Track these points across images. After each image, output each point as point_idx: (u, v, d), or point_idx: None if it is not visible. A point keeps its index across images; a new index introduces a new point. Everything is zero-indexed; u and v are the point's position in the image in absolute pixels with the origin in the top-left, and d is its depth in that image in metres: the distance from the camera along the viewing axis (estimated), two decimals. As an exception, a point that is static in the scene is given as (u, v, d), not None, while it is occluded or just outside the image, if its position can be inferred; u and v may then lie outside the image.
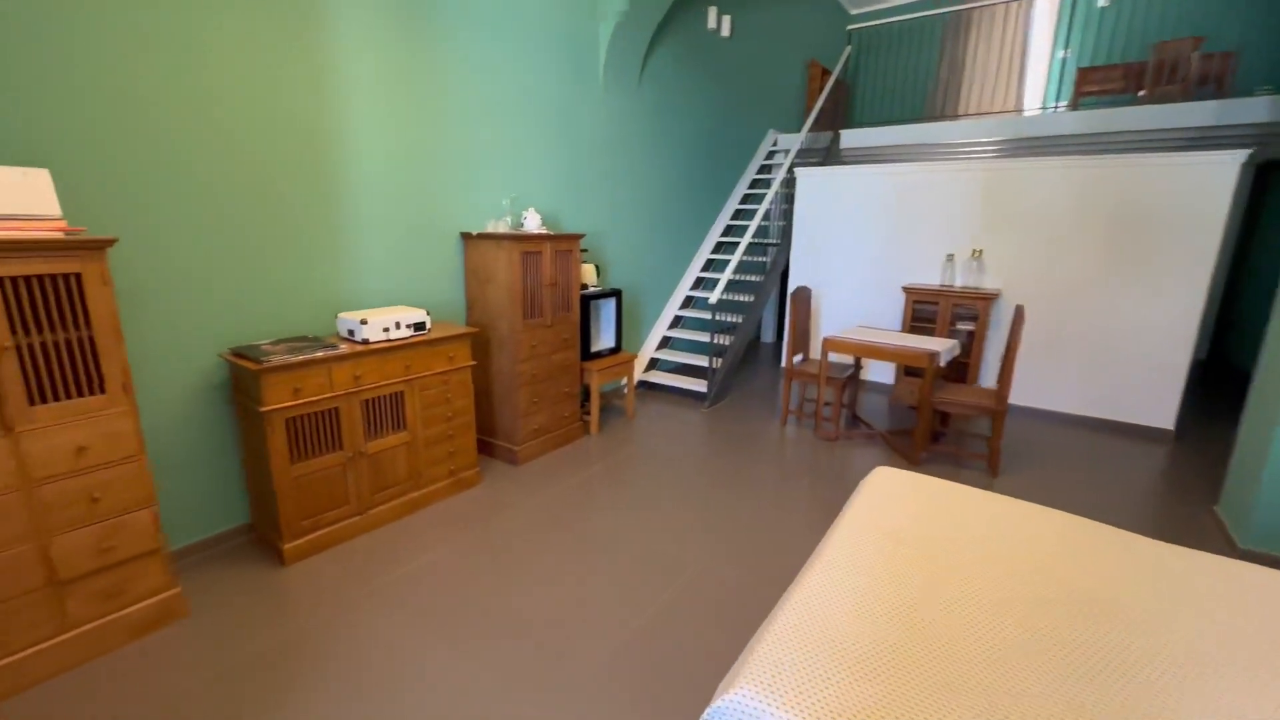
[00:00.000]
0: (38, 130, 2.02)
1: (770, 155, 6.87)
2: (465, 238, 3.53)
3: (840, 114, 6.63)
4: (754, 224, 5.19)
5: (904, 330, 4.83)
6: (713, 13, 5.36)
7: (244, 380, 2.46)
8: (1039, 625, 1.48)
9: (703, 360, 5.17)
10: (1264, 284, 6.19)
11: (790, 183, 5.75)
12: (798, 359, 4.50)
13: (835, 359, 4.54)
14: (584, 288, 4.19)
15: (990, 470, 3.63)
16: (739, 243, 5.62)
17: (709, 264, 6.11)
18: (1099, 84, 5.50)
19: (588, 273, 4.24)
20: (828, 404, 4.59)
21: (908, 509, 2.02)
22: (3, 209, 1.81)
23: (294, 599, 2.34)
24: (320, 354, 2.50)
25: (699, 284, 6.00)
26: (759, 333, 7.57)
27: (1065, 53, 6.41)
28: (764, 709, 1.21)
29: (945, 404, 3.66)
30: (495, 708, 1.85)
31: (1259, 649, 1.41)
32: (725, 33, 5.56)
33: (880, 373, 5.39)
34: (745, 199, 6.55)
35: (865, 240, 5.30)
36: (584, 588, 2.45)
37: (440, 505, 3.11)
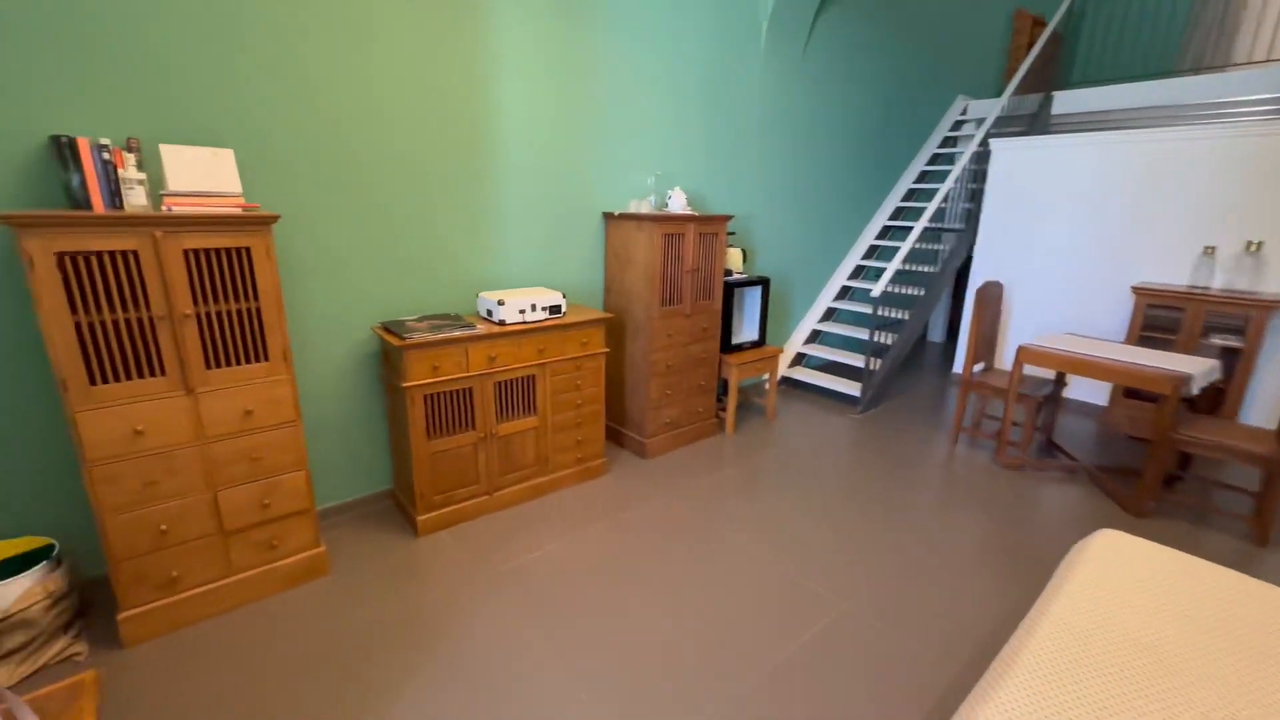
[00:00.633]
0: (219, 113, 2.17)
1: (957, 125, 5.90)
2: (607, 217, 3.39)
3: (1052, 72, 5.47)
4: (932, 206, 4.45)
5: (1130, 342, 3.84)
6: (901, -41, 4.63)
7: (390, 354, 2.54)
8: None
9: (858, 360, 4.60)
10: None
11: (982, 157, 4.86)
12: (979, 368, 3.79)
13: (1031, 372, 3.74)
14: (728, 274, 3.87)
15: (1256, 536, 2.72)
16: (911, 227, 4.90)
17: (872, 250, 5.43)
18: None
19: (734, 258, 3.91)
20: (1016, 424, 3.82)
21: (1160, 602, 1.47)
22: (195, 185, 1.96)
23: (421, 572, 2.38)
24: (458, 333, 2.50)
25: (859, 273, 5.36)
26: (925, 331, 6.67)
27: None
28: None
29: (1195, 444, 2.80)
30: (598, 738, 1.68)
31: None
32: (914, -19, 4.79)
33: (1086, 390, 4.39)
34: (922, 176, 5.71)
35: (1081, 227, 4.30)
36: (705, 612, 2.19)
37: (566, 493, 3.03)
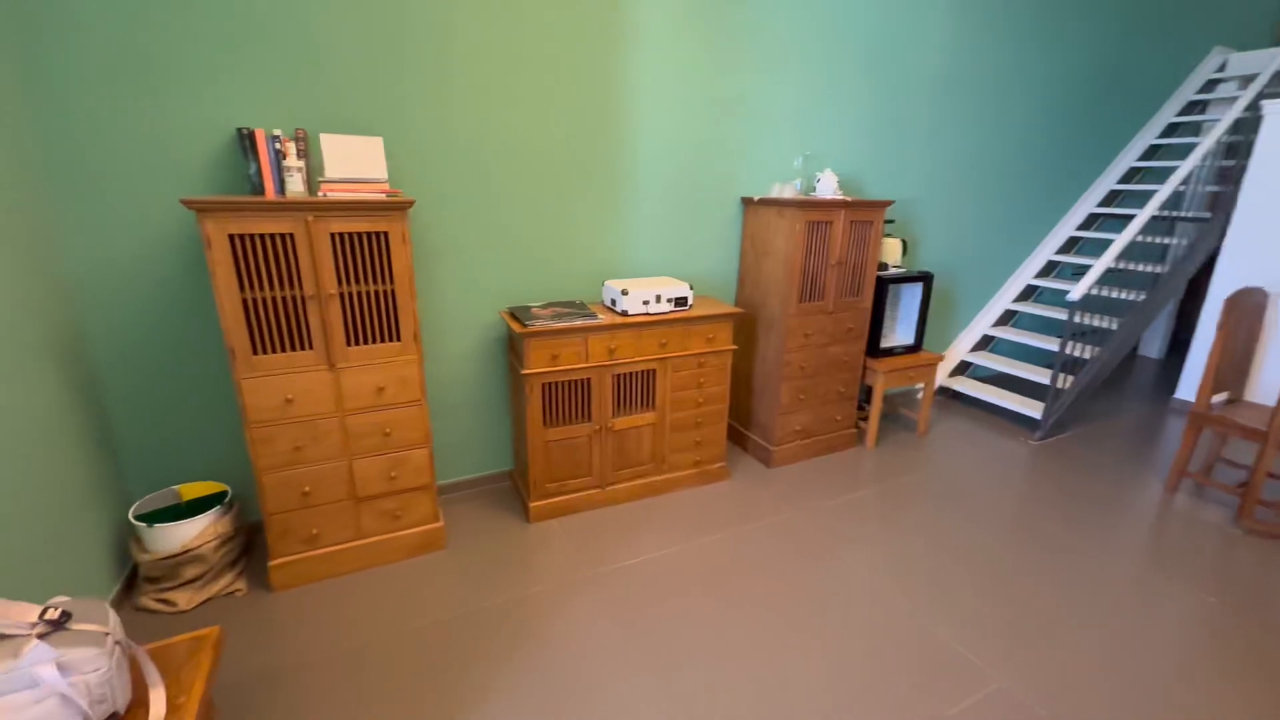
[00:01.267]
0: (371, 102, 2.28)
1: (1209, 86, 4.66)
2: (745, 203, 3.12)
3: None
4: (1166, 189, 3.54)
5: None
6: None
7: (514, 339, 2.55)
8: None
9: (1041, 374, 3.84)
10: None
11: (1244, 125, 3.76)
12: (1220, 398, 2.94)
13: (1301, 409, 2.82)
14: (883, 268, 3.40)
15: None
16: (1131, 216, 3.97)
17: (1072, 244, 4.51)
18: None
19: (890, 249, 3.42)
20: (1274, 477, 2.91)
21: None
22: (348, 172, 2.07)
23: (527, 560, 2.37)
24: (579, 323, 2.43)
25: (1050, 270, 4.49)
26: (1136, 345, 5.46)
27: None
28: None
29: None
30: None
31: None
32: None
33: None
34: (1150, 152, 4.60)
35: (1407, 216, 3.13)
36: (818, 655, 1.91)
37: (681, 495, 2.88)
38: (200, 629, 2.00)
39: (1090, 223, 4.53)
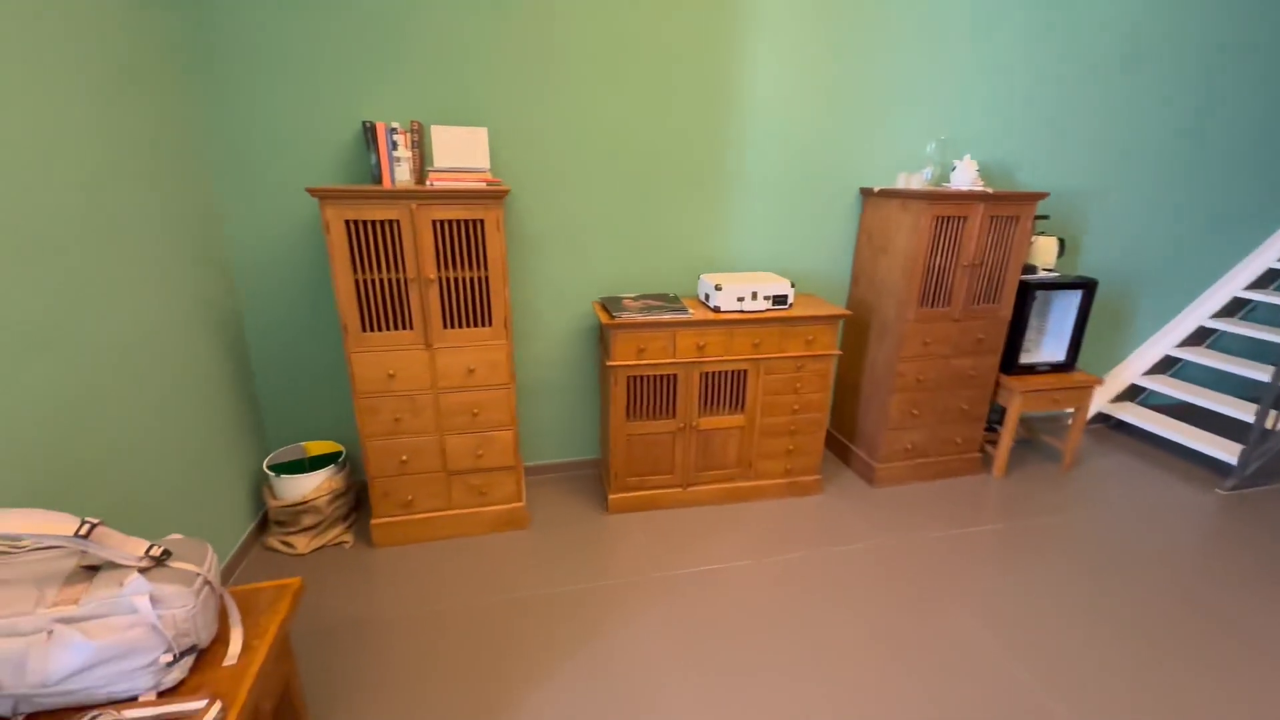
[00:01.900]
0: (480, 94, 2.35)
1: None
2: (865, 194, 2.84)
3: None
4: None
5: None
6: None
7: (603, 330, 2.55)
8: None
9: (1243, 409, 3.11)
10: None
11: None
12: None
13: None
14: (1030, 270, 2.93)
15: None
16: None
17: (1305, 249, 3.57)
18: None
19: (1043, 250, 2.94)
20: None
21: None
22: (451, 162, 2.17)
23: (603, 552, 2.37)
24: (667, 317, 2.36)
25: (1270, 280, 3.60)
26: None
27: None
28: None
29: None
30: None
31: None
32: None
33: None
34: None
35: None
36: (900, 714, 1.69)
37: (768, 505, 2.72)
38: (311, 572, 2.24)
39: (1337, 222, 3.55)
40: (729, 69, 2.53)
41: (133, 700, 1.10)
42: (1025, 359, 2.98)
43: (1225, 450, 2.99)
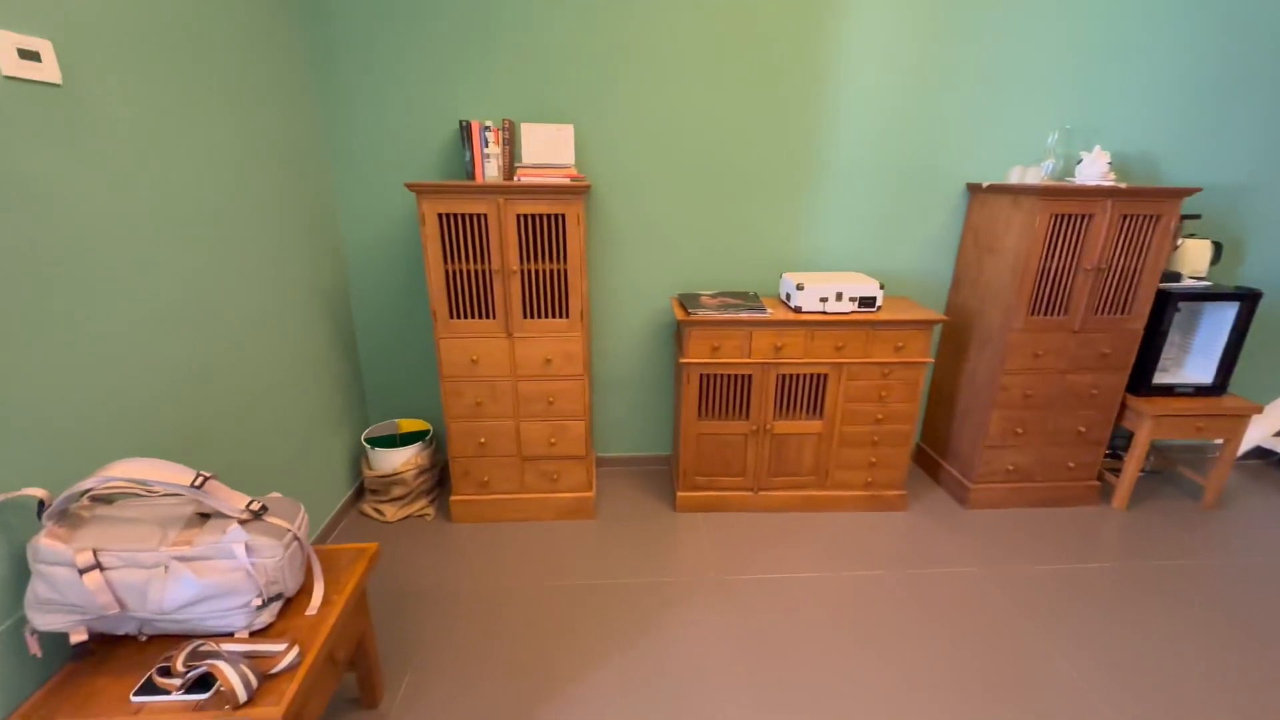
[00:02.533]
0: (568, 91, 2.41)
1: None
2: (972, 190, 2.61)
3: None
4: None
5: None
6: None
7: (678, 326, 2.53)
8: None
9: None
10: None
11: None
12: None
13: None
14: (1173, 278, 2.56)
15: None
16: None
17: None
18: None
19: (1193, 254, 2.56)
20: None
21: None
22: (538, 158, 2.25)
23: (667, 550, 2.37)
24: (744, 315, 2.30)
25: None
26: None
27: None
28: None
29: None
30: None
31: None
32: None
33: None
34: None
35: None
36: (978, 755, 1.55)
37: (845, 518, 2.58)
38: (396, 539, 2.41)
39: None
40: (821, 55, 2.42)
41: (229, 635, 1.24)
42: (1161, 379, 2.60)
43: None
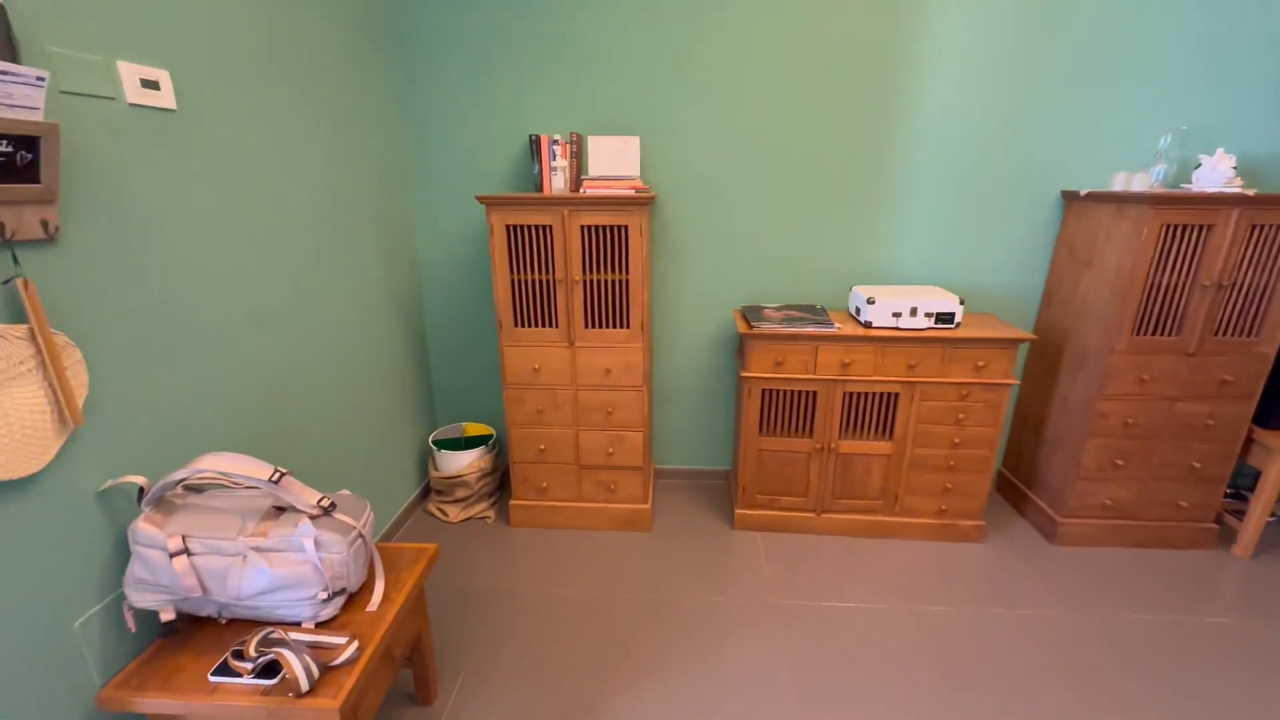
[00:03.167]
0: (634, 104, 2.42)
1: None
2: (1067, 198, 2.40)
3: None
4: None
5: None
6: None
7: (740, 338, 2.47)
8: None
9: None
10: None
11: None
12: None
13: None
14: (1314, 296, 2.24)
15: None
16: None
17: None
18: None
19: (1337, 269, 2.23)
20: None
21: None
22: (604, 170, 2.27)
23: (723, 569, 2.31)
24: (809, 330, 2.22)
25: None
26: None
27: None
28: None
29: None
30: None
31: None
32: None
33: None
34: None
35: None
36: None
37: (915, 546, 2.43)
38: (457, 539, 2.48)
39: None
40: (896, 54, 2.31)
41: (296, 625, 1.31)
42: (1297, 411, 2.28)
43: None
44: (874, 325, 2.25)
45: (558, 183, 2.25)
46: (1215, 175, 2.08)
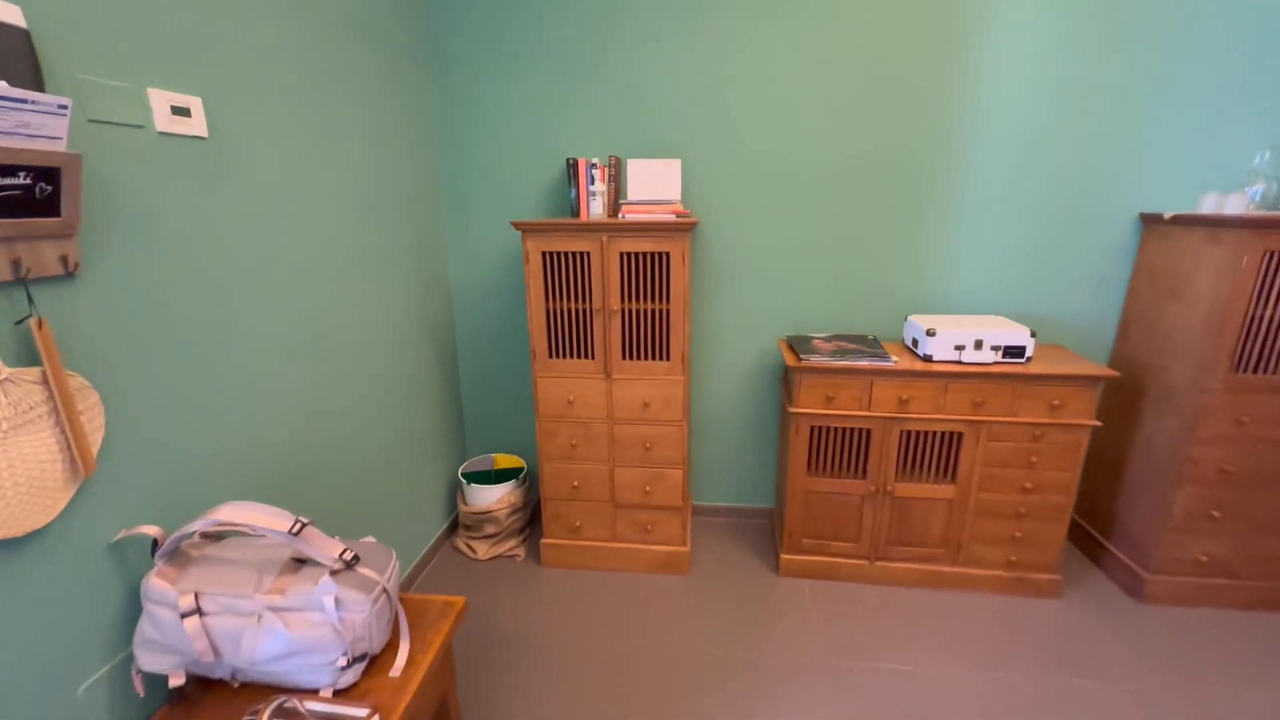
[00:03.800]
0: (675, 125, 2.33)
1: None
2: (1147, 221, 2.20)
3: None
4: None
5: None
6: None
7: (787, 371, 2.32)
8: None
9: None
10: None
11: None
12: None
13: None
14: None
15: None
16: None
17: None
18: None
19: None
20: None
21: None
22: (644, 194, 2.18)
23: (767, 621, 2.13)
24: (864, 364, 2.06)
25: None
26: None
27: None
28: None
29: None
30: None
31: None
32: None
33: None
34: None
35: None
36: None
37: (980, 601, 2.21)
38: (485, 578, 2.36)
39: None
40: (953, 69, 2.17)
41: (314, 692, 1.20)
42: None
43: None
44: (934, 359, 2.08)
45: (596, 208, 2.16)
46: (1324, 196, 1.87)
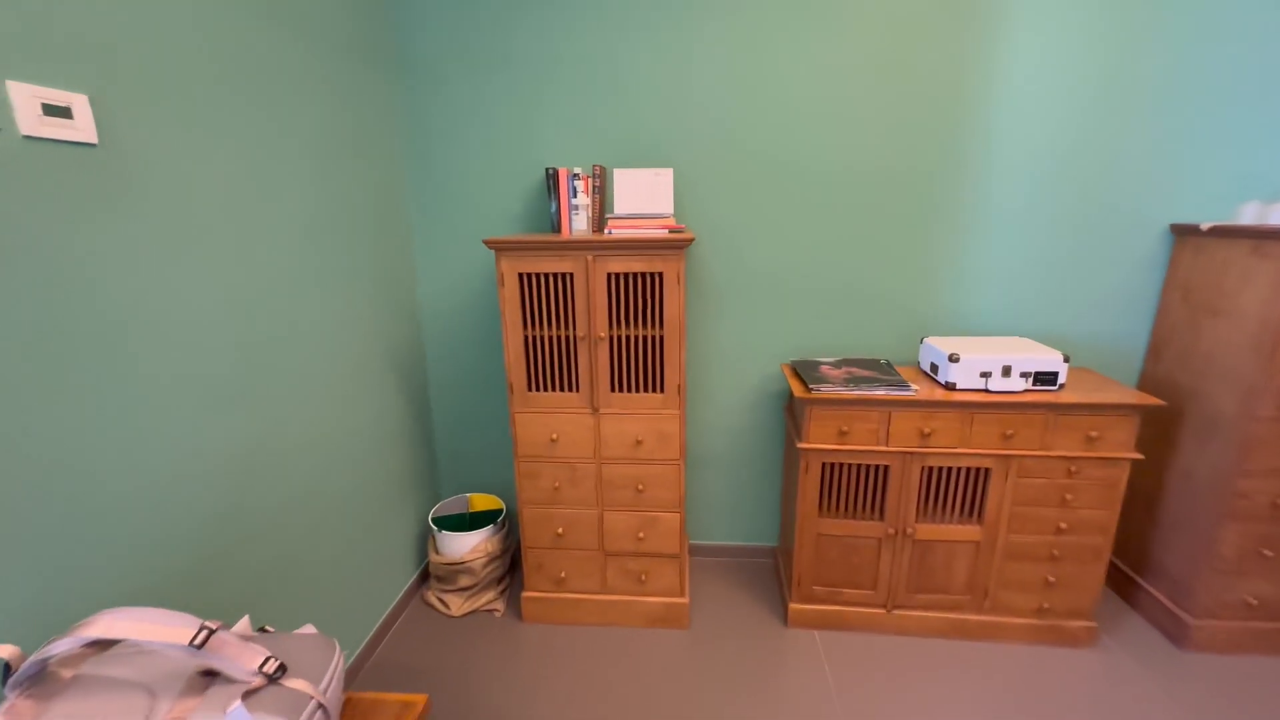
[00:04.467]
0: (664, 134, 2.12)
1: None
2: (1179, 234, 2.04)
3: None
4: None
5: None
6: None
7: (793, 402, 2.11)
8: None
9: None
10: None
11: None
12: None
13: None
14: None
15: None
16: None
17: None
18: None
19: None
20: None
21: None
22: (633, 207, 1.96)
23: (775, 674, 1.89)
24: (881, 393, 1.85)
25: None
26: None
27: None
28: None
29: None
30: None
31: None
32: None
33: None
34: None
35: None
36: None
37: (1010, 652, 2.00)
38: (460, 636, 2.09)
39: None
40: (970, 74, 1.99)
41: None
42: None
43: None
44: (958, 386, 1.88)
45: (579, 223, 1.94)
46: (1378, 205, 1.71)
